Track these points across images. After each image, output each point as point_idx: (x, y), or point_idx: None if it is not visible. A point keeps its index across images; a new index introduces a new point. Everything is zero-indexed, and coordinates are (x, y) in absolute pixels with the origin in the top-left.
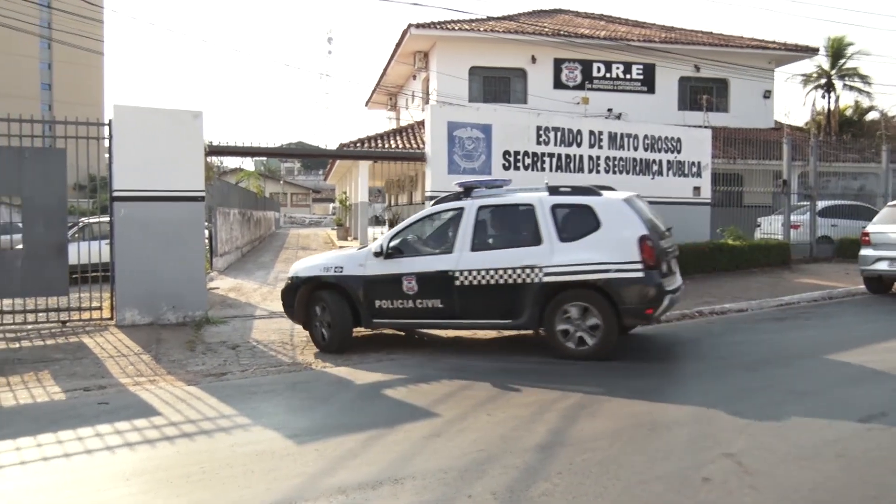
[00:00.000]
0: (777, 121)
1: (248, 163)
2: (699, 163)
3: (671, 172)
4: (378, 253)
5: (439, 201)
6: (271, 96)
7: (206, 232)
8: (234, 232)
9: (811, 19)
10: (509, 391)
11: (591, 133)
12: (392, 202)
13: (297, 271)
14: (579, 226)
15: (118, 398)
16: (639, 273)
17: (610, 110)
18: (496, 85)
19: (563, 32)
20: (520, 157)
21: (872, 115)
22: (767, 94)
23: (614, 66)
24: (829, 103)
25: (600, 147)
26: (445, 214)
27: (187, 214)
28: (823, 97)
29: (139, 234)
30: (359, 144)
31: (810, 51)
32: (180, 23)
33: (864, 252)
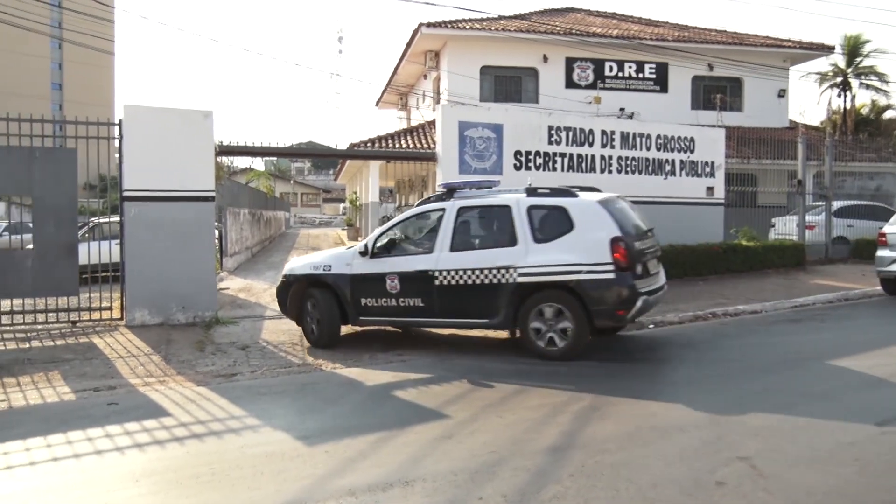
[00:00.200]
0: (792, 120)
1: (259, 163)
2: (713, 163)
3: (684, 172)
4: (363, 252)
5: (423, 202)
6: (282, 96)
7: (216, 232)
8: (244, 232)
9: (827, 17)
10: (520, 393)
11: (604, 133)
12: (403, 202)
13: (291, 269)
14: (554, 227)
15: (128, 399)
16: (610, 274)
17: (622, 110)
18: (507, 84)
19: (575, 31)
20: (531, 157)
21: (889, 114)
22: (782, 93)
23: (627, 66)
24: (845, 102)
25: (612, 147)
26: (428, 215)
27: (197, 214)
28: (839, 96)
29: (149, 235)
30: (369, 144)
31: (826, 49)
32: (190, 22)
33: (881, 253)
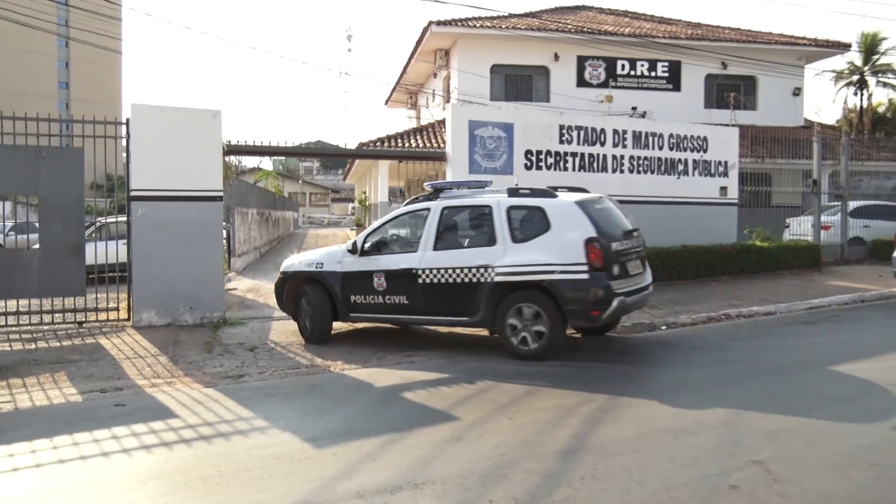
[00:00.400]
0: (807, 119)
1: (267, 162)
2: (726, 162)
3: (697, 172)
4: (353, 250)
5: (411, 201)
6: (290, 95)
7: (224, 232)
8: (252, 232)
9: (843, 14)
10: (531, 394)
11: (615, 132)
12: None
13: (287, 266)
14: (531, 227)
15: (135, 400)
16: (584, 275)
17: (634, 108)
18: (518, 83)
19: (587, 29)
20: (542, 157)
21: None
22: (797, 92)
23: (639, 64)
24: (862, 100)
25: (624, 146)
26: (414, 214)
27: (205, 214)
28: (855, 94)
29: (156, 235)
30: (378, 144)
31: (842, 46)
32: (197, 20)
33: None
